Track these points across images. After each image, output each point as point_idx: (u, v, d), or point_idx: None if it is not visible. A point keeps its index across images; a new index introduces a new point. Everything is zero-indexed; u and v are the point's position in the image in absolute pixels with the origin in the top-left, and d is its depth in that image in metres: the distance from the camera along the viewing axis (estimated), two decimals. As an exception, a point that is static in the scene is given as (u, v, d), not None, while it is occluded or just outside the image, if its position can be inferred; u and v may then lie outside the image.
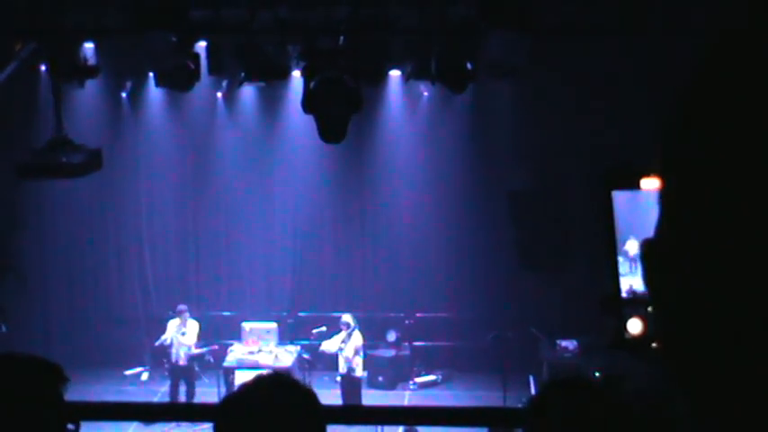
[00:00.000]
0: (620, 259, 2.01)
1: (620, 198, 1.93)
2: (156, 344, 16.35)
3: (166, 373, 16.56)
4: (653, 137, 0.92)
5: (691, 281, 0.82)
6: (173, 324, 16.09)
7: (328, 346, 15.85)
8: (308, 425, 2.65)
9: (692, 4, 10.08)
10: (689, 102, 0.84)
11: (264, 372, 2.93)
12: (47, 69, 15.21)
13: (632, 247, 1.96)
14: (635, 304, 2.04)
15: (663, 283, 0.87)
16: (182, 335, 15.97)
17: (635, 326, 2.08)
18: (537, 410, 2.57)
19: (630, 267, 2.05)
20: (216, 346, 17.27)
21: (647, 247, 0.88)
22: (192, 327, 16.09)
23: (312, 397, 2.70)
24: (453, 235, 17.92)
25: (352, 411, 7.13)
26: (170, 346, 16.07)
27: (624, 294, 2.07)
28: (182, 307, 16.15)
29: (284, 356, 16.38)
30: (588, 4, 12.43)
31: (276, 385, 2.71)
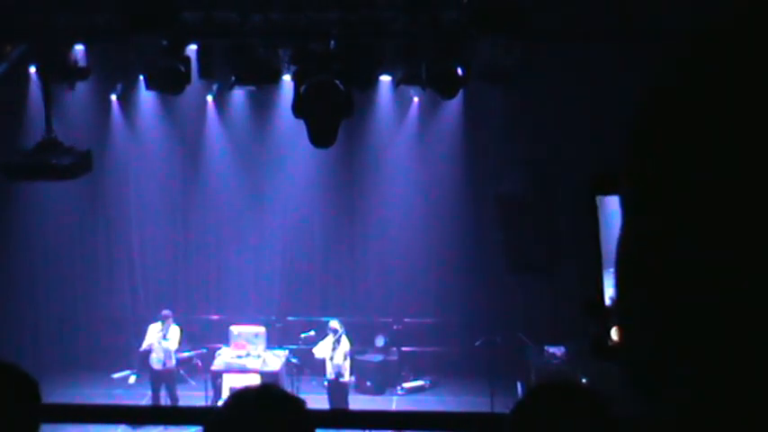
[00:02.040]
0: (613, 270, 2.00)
1: (612, 205, 1.92)
2: (141, 349, 16.28)
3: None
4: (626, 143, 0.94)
5: (649, 285, 0.84)
6: (153, 329, 16.00)
7: (320, 351, 15.83)
8: None
9: (679, 11, 10.12)
10: (648, 111, 0.86)
11: (252, 383, 2.93)
12: (37, 71, 15.19)
13: None
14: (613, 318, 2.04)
15: (624, 288, 0.88)
16: (164, 339, 15.88)
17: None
18: (523, 414, 2.58)
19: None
20: (204, 350, 17.25)
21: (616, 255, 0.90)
22: (174, 332, 15.99)
23: (300, 408, 2.69)
24: (442, 240, 17.94)
25: (339, 416, 7.13)
26: (150, 351, 15.97)
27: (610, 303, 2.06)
28: (166, 312, 16.06)
29: (272, 361, 16.36)
30: (578, 10, 12.45)
31: (264, 397, 2.70)
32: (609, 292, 2.08)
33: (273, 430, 2.61)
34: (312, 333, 16.54)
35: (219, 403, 2.78)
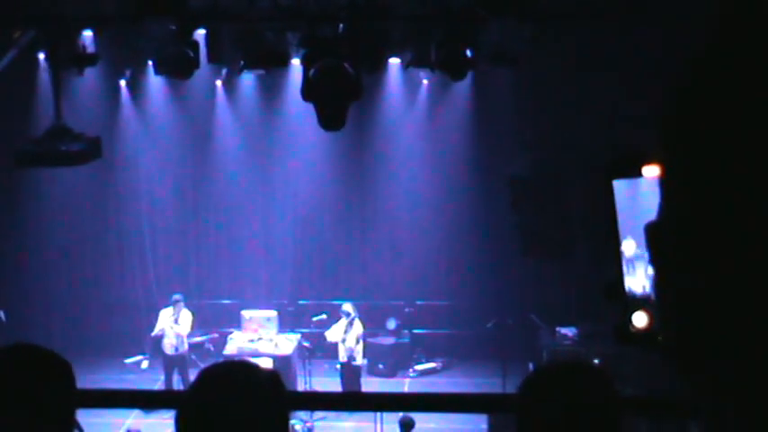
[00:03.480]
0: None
1: (619, 194, 1.91)
2: (153, 334, 16.35)
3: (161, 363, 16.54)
4: (654, 123, 0.93)
5: (694, 262, 0.83)
6: (165, 314, 16.06)
7: (332, 335, 15.86)
8: (269, 410, 2.63)
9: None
10: (689, 88, 0.85)
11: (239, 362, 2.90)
12: (46, 57, 15.19)
13: (629, 248, 1.94)
14: (633, 305, 2.04)
15: (668, 264, 0.87)
16: (175, 323, 15.94)
17: (640, 319, 2.08)
18: (531, 391, 2.58)
19: (628, 269, 2.03)
20: (216, 335, 17.29)
21: (651, 229, 0.89)
22: (186, 316, 16.04)
23: (273, 384, 2.67)
24: (453, 222, 17.93)
25: (352, 398, 7.14)
26: (163, 336, 16.03)
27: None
28: (177, 296, 16.12)
29: (284, 344, 16.40)
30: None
31: (234, 374, 2.69)
32: (628, 278, 2.09)
33: (245, 407, 2.60)
34: (324, 316, 16.56)
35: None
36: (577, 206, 15.13)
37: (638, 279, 2.03)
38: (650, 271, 0.91)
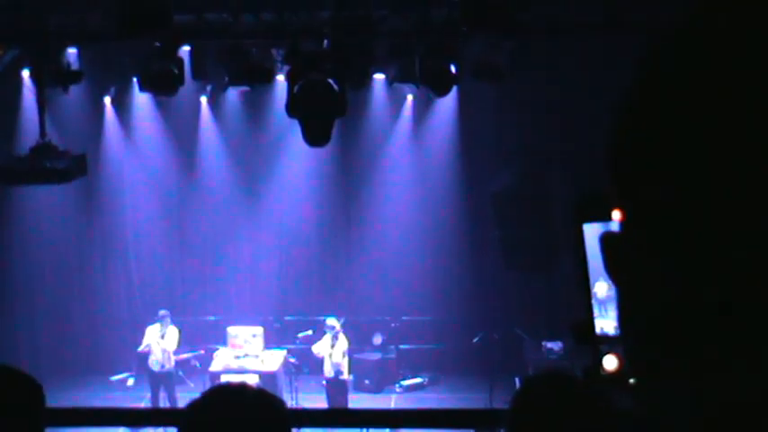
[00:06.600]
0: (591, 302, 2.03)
1: (590, 236, 1.92)
2: (140, 350, 16.27)
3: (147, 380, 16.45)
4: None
5: (648, 269, 0.84)
6: (152, 330, 15.99)
7: (319, 348, 15.82)
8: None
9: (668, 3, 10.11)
10: (626, 126, 0.86)
11: (231, 381, 2.91)
12: (30, 74, 15.16)
13: (601, 289, 1.97)
14: (605, 343, 2.07)
15: (625, 273, 0.88)
16: (161, 339, 15.86)
17: (610, 362, 2.11)
18: (521, 405, 2.58)
19: (600, 310, 2.07)
20: (202, 351, 17.23)
21: (606, 238, 0.90)
22: (172, 332, 15.96)
23: (276, 407, 2.67)
24: (438, 237, 17.94)
25: (338, 415, 7.14)
26: (149, 352, 15.95)
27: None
28: (163, 312, 16.04)
29: (270, 361, 16.35)
30: (571, 3, 12.45)
31: (238, 395, 2.69)
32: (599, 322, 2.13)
33: (247, 429, 2.60)
34: (310, 332, 16.54)
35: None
36: (560, 220, 15.17)
37: (611, 321, 2.06)
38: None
